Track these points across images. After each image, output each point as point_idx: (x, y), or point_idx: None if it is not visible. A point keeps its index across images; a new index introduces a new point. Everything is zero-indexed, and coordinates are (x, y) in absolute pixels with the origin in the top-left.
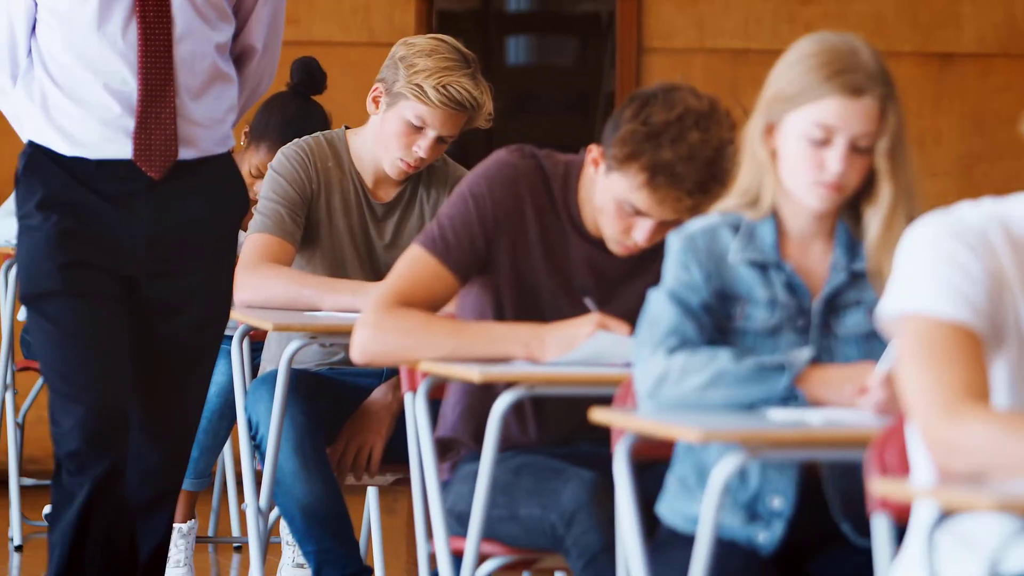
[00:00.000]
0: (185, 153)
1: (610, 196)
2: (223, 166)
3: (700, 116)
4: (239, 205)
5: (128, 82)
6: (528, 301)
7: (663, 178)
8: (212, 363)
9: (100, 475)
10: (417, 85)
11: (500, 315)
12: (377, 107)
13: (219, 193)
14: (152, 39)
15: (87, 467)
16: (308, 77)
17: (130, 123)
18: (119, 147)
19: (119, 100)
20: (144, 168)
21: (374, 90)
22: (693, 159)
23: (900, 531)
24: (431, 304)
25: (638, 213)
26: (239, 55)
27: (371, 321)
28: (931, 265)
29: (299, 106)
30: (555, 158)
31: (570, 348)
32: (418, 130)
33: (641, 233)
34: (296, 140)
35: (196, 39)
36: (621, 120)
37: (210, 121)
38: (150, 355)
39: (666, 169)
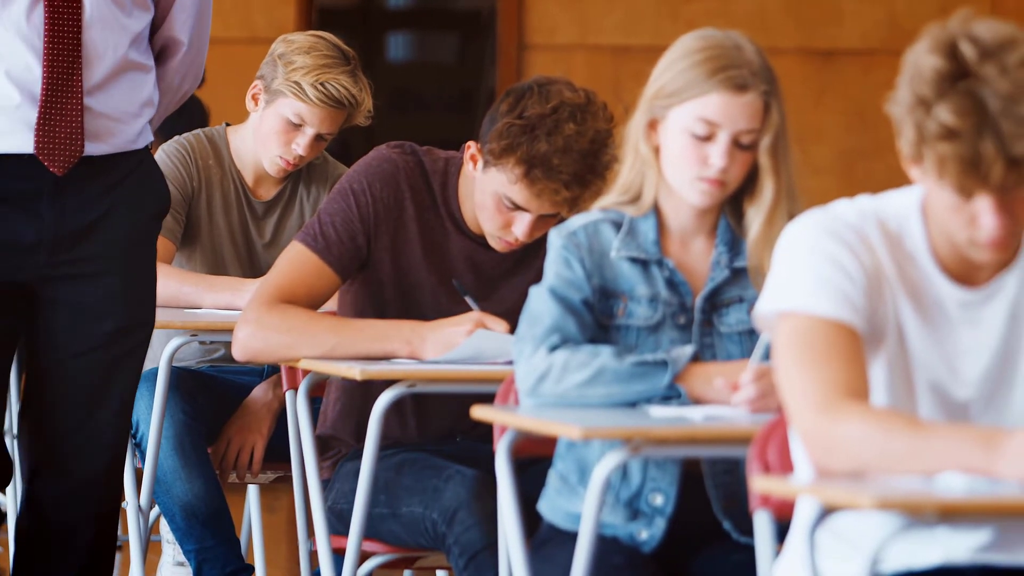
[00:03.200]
0: (93, 148)
1: (489, 192)
2: (139, 163)
3: (576, 108)
4: (158, 203)
5: (32, 69)
6: (409, 298)
7: (540, 170)
8: (136, 373)
9: None
10: (295, 83)
11: (381, 312)
12: (256, 104)
13: (134, 191)
14: (59, 23)
15: None
16: None
17: (32, 114)
18: (19, 140)
19: (21, 89)
20: (47, 164)
21: (253, 87)
22: (569, 151)
23: (782, 528)
24: (312, 301)
25: (517, 208)
26: (162, 49)
27: (252, 318)
28: (808, 263)
29: None
30: (435, 155)
31: (450, 347)
32: (297, 128)
33: (520, 228)
34: (176, 138)
35: (107, 26)
36: (497, 115)
37: (122, 115)
38: (59, 368)
39: (542, 161)
